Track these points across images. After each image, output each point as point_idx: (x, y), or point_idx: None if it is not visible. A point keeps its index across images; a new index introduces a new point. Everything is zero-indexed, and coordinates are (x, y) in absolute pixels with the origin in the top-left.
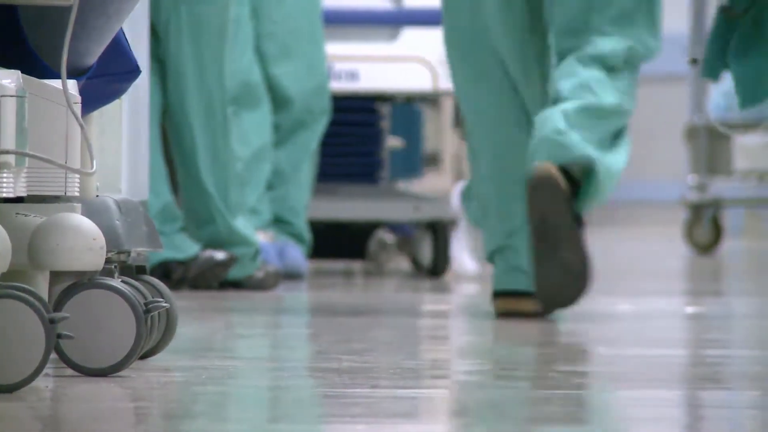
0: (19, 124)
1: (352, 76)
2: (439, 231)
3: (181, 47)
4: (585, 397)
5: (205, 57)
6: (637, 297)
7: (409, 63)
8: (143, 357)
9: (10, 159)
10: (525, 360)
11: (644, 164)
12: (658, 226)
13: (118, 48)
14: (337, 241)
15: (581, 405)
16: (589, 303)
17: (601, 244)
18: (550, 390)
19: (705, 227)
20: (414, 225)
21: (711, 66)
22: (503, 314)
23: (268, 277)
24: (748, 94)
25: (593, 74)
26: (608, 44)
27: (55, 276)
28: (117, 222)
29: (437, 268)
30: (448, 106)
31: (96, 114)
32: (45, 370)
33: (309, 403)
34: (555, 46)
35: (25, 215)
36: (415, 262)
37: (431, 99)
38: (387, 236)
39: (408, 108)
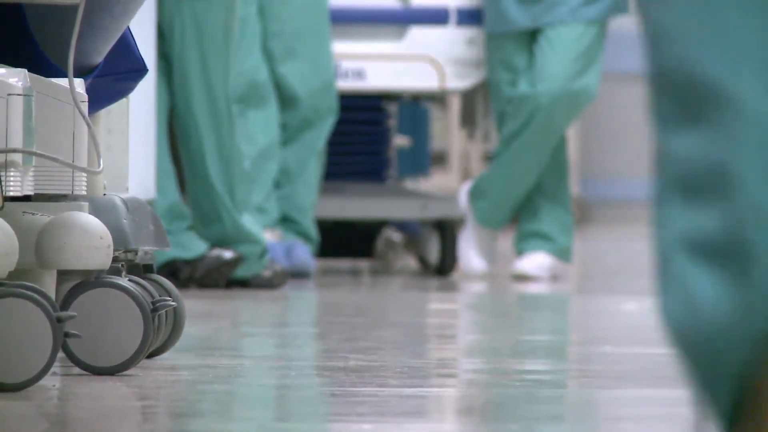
0: (27, 122)
1: (359, 74)
2: (447, 230)
3: (185, 46)
4: (591, 396)
5: (209, 55)
6: (643, 295)
7: (416, 62)
8: (150, 356)
9: (18, 158)
10: (531, 358)
11: (648, 162)
12: None
13: (125, 47)
14: (345, 240)
15: (586, 404)
16: (595, 302)
17: (607, 242)
18: (556, 389)
19: None
20: (421, 224)
21: None
22: None
23: (275, 275)
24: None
25: None
26: None
27: (63, 275)
28: (124, 221)
29: (444, 266)
30: (455, 105)
31: (103, 113)
32: (52, 369)
33: (316, 402)
34: None
35: (33, 214)
36: (423, 261)
37: (438, 98)
38: (394, 235)
39: (415, 106)
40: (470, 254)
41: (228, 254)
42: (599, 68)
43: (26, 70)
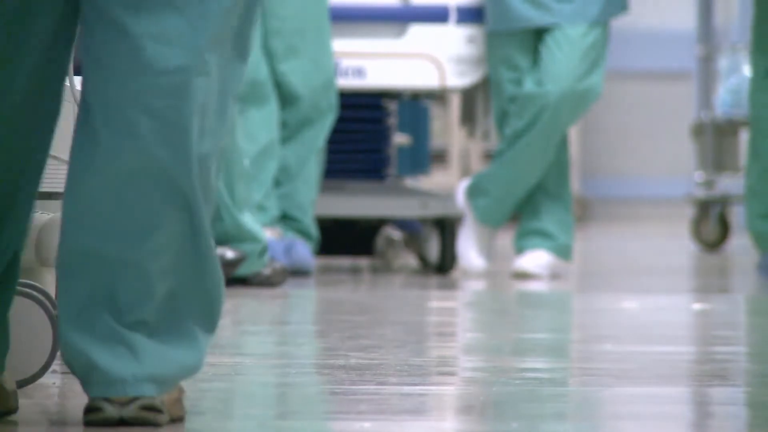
0: None
1: (359, 72)
2: (447, 228)
3: None
4: (591, 394)
5: None
6: (644, 294)
7: (416, 59)
8: None
9: None
10: (532, 356)
11: (650, 161)
12: (665, 223)
13: None
14: (345, 238)
15: (587, 402)
16: (596, 300)
17: (607, 240)
18: (556, 387)
19: (712, 224)
20: (421, 222)
21: None
22: None
23: (275, 273)
24: None
25: None
26: None
27: None
28: None
29: (444, 264)
30: (455, 103)
31: None
32: (52, 367)
33: (316, 400)
34: None
35: None
36: (423, 259)
37: (438, 96)
38: (394, 233)
39: (415, 105)
40: (469, 252)
41: (230, 254)
42: (604, 67)
43: None
